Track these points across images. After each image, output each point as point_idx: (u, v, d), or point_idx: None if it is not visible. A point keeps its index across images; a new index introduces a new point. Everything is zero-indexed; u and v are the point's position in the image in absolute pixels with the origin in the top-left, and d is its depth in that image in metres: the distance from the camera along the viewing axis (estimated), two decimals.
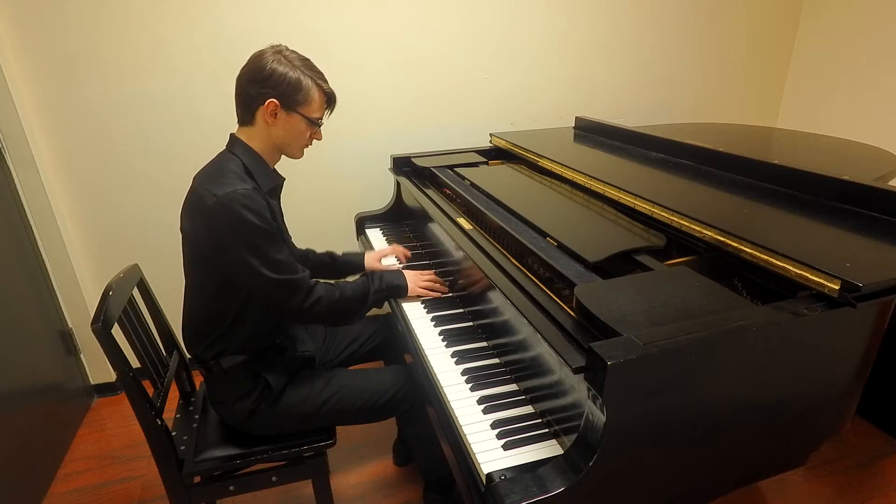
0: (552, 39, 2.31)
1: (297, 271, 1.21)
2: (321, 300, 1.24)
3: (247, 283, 1.18)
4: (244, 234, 1.11)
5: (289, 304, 1.21)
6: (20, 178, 1.83)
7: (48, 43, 1.77)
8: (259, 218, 1.12)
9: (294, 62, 1.17)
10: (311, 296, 1.23)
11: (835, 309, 0.89)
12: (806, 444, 1.09)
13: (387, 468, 1.81)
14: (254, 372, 1.27)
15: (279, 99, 1.16)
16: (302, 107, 1.19)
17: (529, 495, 0.81)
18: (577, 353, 0.86)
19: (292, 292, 1.20)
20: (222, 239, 1.13)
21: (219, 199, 1.10)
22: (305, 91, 1.18)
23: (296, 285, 1.20)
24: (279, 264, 1.16)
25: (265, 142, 1.22)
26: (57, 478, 1.81)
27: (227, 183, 1.13)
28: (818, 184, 1.27)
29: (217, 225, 1.12)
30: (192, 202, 1.17)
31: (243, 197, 1.11)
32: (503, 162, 1.99)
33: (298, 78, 1.16)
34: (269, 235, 1.14)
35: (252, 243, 1.12)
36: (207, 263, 1.19)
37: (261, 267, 1.14)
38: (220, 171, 1.17)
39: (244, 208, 1.10)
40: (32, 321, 1.86)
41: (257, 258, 1.13)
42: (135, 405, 1.15)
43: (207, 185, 1.13)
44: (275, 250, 1.15)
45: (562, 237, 1.19)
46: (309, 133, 1.24)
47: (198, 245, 1.19)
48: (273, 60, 1.15)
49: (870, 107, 2.47)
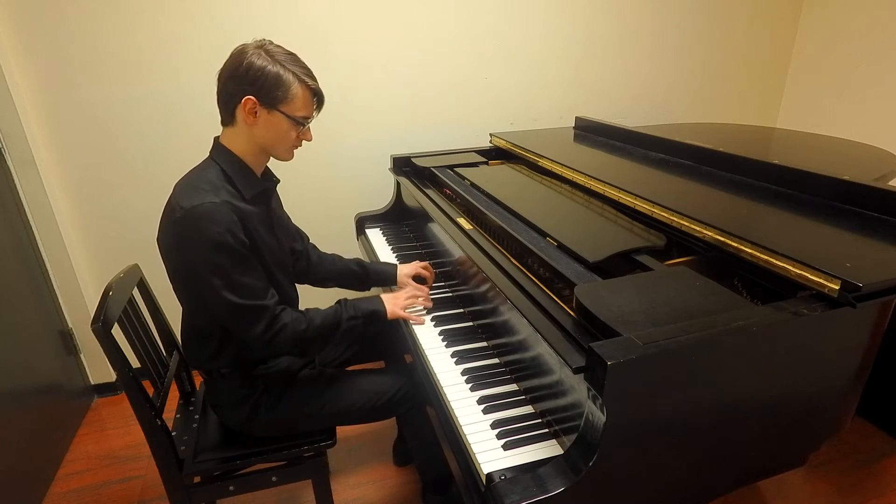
0: (552, 39, 2.31)
1: (262, 297, 1.12)
2: (284, 329, 1.15)
3: (209, 304, 1.11)
4: (207, 252, 1.05)
5: (249, 331, 1.12)
6: (20, 178, 1.83)
7: (48, 43, 1.77)
8: (225, 235, 1.04)
9: (276, 56, 1.08)
10: (274, 325, 1.14)
11: (835, 309, 0.89)
12: (806, 444, 1.09)
13: (387, 468, 1.81)
14: (252, 376, 1.26)
15: (257, 96, 1.08)
16: (283, 104, 1.10)
17: (529, 495, 0.81)
18: (577, 353, 0.86)
19: (253, 320, 1.11)
20: (187, 254, 1.07)
21: (185, 213, 1.04)
22: (286, 87, 1.08)
23: (257, 312, 1.11)
24: (241, 287, 1.08)
25: (248, 144, 1.15)
26: (57, 478, 1.81)
27: (198, 195, 1.06)
28: (818, 184, 1.27)
29: (183, 239, 1.06)
30: (165, 213, 1.12)
31: (211, 212, 1.04)
32: (503, 162, 1.99)
33: (277, 73, 1.07)
34: (236, 255, 1.07)
35: (214, 262, 1.05)
36: (186, 280, 1.15)
37: (222, 289, 1.06)
38: (196, 182, 1.10)
39: (211, 223, 1.04)
40: (32, 321, 1.85)
41: (219, 279, 1.06)
42: (135, 405, 1.15)
43: (179, 197, 1.08)
44: (240, 272, 1.08)
45: (562, 237, 1.19)
46: (295, 133, 1.15)
47: (170, 258, 1.15)
48: (252, 54, 1.07)
49: (870, 107, 2.47)
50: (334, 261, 1.53)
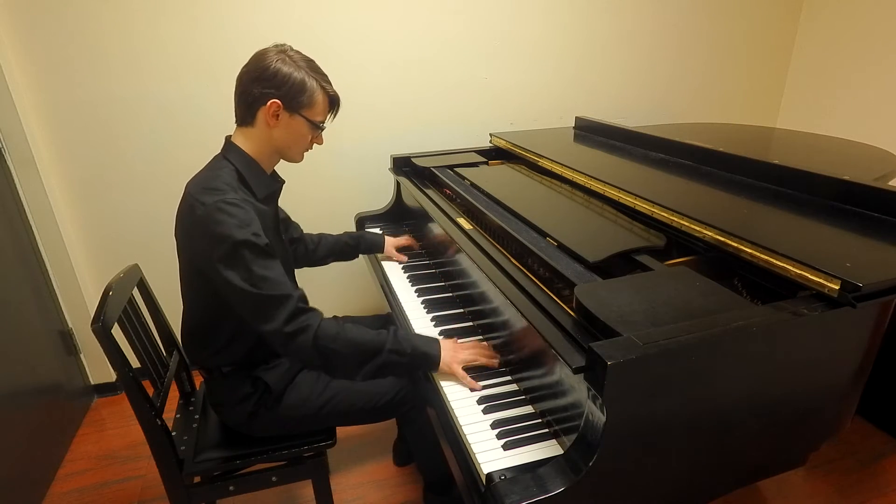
0: (552, 39, 2.31)
1: (287, 289, 1.10)
2: (308, 329, 1.09)
3: (229, 298, 1.11)
4: (229, 246, 1.06)
5: (267, 324, 1.08)
6: (20, 178, 1.83)
7: (48, 43, 1.77)
8: (247, 230, 1.07)
9: (299, 63, 1.14)
10: (297, 318, 1.09)
11: (835, 309, 0.89)
12: (806, 444, 1.09)
13: (387, 468, 1.81)
14: (254, 376, 1.26)
15: (282, 100, 1.13)
16: (305, 109, 1.16)
17: (529, 495, 0.81)
18: (577, 353, 0.86)
19: (276, 310, 1.08)
20: (209, 249, 1.08)
21: (207, 209, 1.07)
22: (310, 93, 1.14)
23: (279, 302, 1.08)
24: (263, 280, 1.08)
25: (263, 144, 1.19)
26: (57, 478, 1.81)
27: (217, 192, 1.09)
28: (818, 184, 1.27)
29: (205, 234, 1.08)
30: (184, 211, 1.14)
31: (232, 208, 1.07)
32: (503, 162, 1.99)
33: (303, 79, 1.13)
34: (257, 249, 1.08)
35: (236, 257, 1.07)
36: (200, 274, 1.15)
37: (242, 281, 1.07)
38: (212, 179, 1.13)
39: (231, 219, 1.06)
40: (32, 321, 1.85)
41: (239, 271, 1.07)
42: (135, 405, 1.15)
43: (197, 194, 1.10)
44: (261, 265, 1.08)
45: (562, 237, 1.19)
46: (310, 137, 1.21)
47: (189, 254, 1.17)
48: (277, 60, 1.12)
49: (870, 107, 2.47)
50: (327, 241, 1.64)
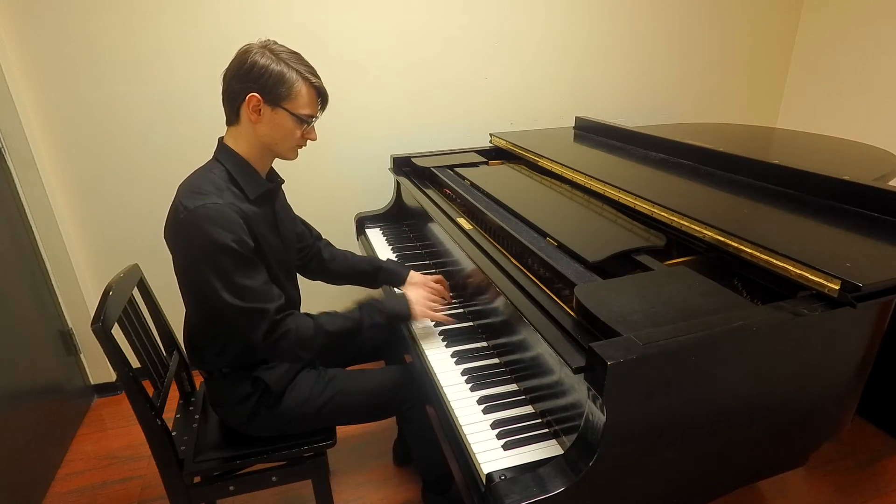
0: (552, 39, 2.31)
1: (264, 301, 1.10)
2: (287, 336, 1.12)
3: (212, 305, 1.10)
4: (209, 253, 1.05)
5: (250, 335, 1.10)
6: (20, 178, 1.83)
7: (48, 42, 1.77)
8: (228, 237, 1.05)
9: (280, 55, 1.10)
10: (276, 330, 1.11)
11: (835, 309, 0.89)
12: (806, 444, 1.09)
13: (387, 468, 1.81)
14: (254, 376, 1.26)
15: (261, 93, 1.09)
16: (286, 101, 1.11)
17: (529, 495, 0.81)
18: (577, 353, 0.86)
19: (254, 323, 1.09)
20: (190, 255, 1.08)
21: (189, 214, 1.05)
22: (289, 84, 1.10)
23: (258, 316, 1.09)
24: (243, 290, 1.07)
25: (253, 143, 1.16)
26: (57, 478, 1.81)
27: (201, 196, 1.07)
28: (818, 184, 1.27)
29: (186, 240, 1.07)
30: (170, 214, 1.13)
31: (213, 212, 1.05)
32: (503, 162, 1.99)
33: (281, 71, 1.09)
34: (238, 257, 1.07)
35: (216, 263, 1.06)
36: (186, 279, 1.16)
37: (222, 290, 1.06)
38: (199, 183, 1.11)
39: (212, 224, 1.04)
40: (32, 321, 1.85)
41: (219, 280, 1.06)
42: (135, 405, 1.15)
43: (182, 198, 1.09)
44: (242, 274, 1.07)
45: (562, 237, 1.19)
46: (299, 132, 1.16)
47: (176, 259, 1.16)
48: (256, 53, 1.09)
49: (870, 107, 2.47)
50: (346, 258, 1.53)
